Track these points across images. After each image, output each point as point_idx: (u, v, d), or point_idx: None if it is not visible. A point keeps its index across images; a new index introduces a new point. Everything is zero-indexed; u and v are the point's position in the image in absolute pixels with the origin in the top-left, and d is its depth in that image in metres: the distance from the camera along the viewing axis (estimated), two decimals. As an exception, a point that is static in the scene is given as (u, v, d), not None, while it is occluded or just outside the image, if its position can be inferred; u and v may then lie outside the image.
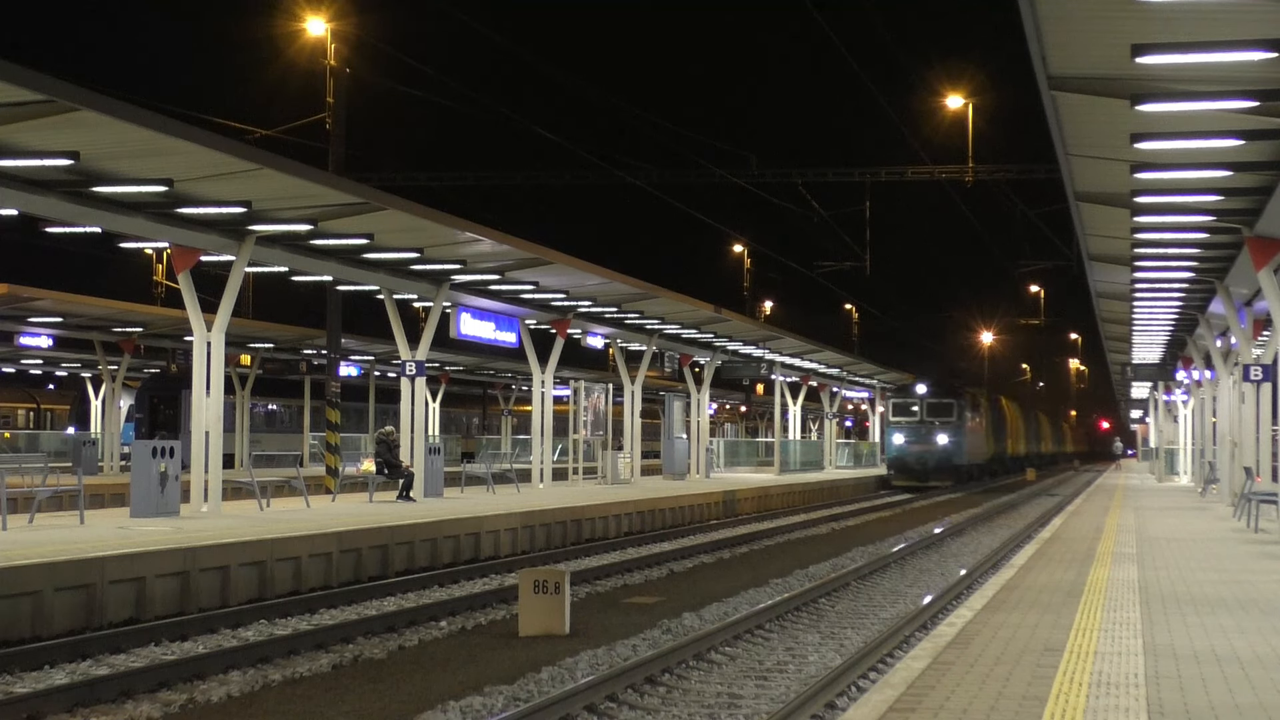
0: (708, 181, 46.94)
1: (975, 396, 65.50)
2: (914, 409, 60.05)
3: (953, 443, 59.45)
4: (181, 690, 12.17)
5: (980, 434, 65.73)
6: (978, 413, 64.66)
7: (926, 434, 59.20)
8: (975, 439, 63.90)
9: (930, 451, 58.88)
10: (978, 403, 65.32)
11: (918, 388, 60.92)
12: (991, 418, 72.38)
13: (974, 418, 63.52)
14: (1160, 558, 19.62)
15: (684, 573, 22.77)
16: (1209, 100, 15.45)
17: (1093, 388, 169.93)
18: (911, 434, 59.45)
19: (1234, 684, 9.62)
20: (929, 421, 59.43)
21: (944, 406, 59.93)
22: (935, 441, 59.05)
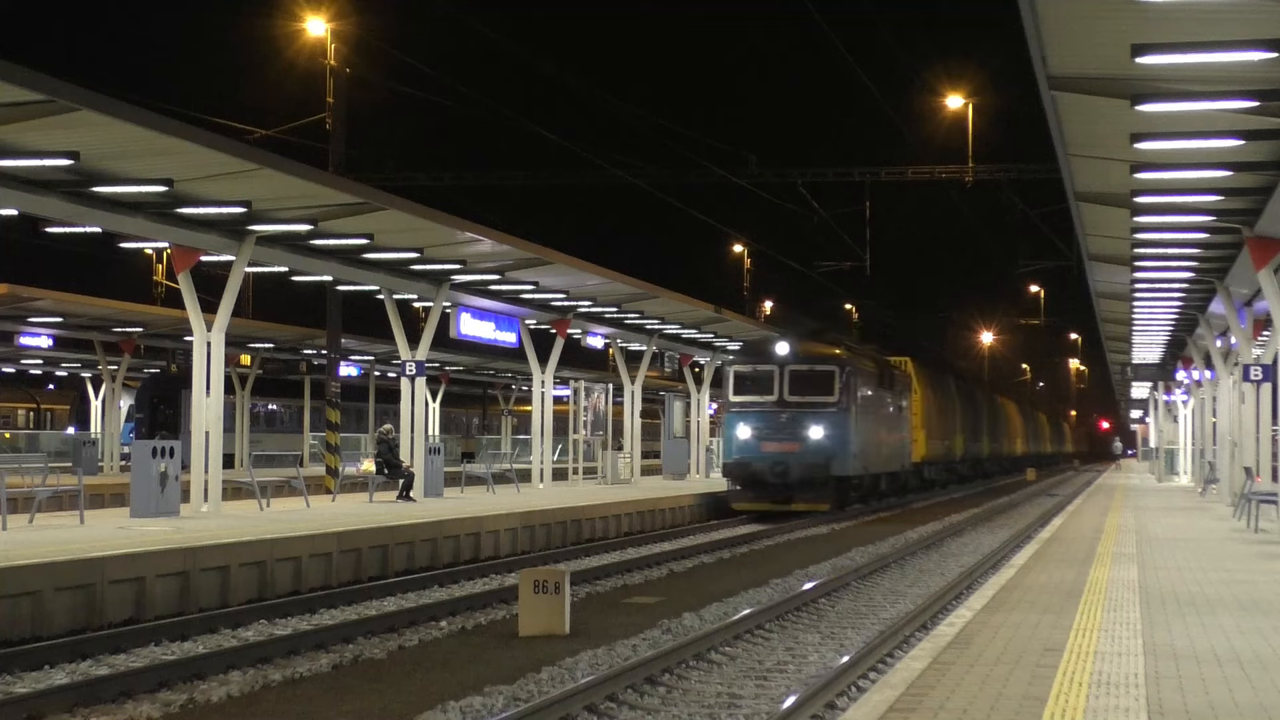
0: (708, 181, 46.94)
1: (886, 366, 44.39)
2: (769, 383, 37.10)
3: (832, 439, 36.46)
4: (181, 690, 12.17)
5: (900, 427, 45.56)
6: (892, 392, 43.89)
7: (789, 425, 36.66)
8: (886, 434, 42.75)
9: (793, 455, 36.13)
10: (889, 377, 43.60)
11: (777, 348, 37.32)
12: (937, 403, 54.04)
13: (885, 400, 42.47)
14: (1160, 558, 19.62)
15: (684, 573, 22.77)
16: (1209, 100, 15.45)
17: (1093, 388, 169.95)
18: (764, 425, 36.83)
19: (1234, 684, 9.62)
20: (793, 404, 36.78)
21: (819, 380, 36.93)
22: (803, 437, 36.45)
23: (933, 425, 53.39)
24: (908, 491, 49.01)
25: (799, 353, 37.29)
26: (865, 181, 47.95)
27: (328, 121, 35.97)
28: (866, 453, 39.15)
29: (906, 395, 47.16)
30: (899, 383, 45.73)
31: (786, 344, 37.30)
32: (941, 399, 56.51)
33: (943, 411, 56.35)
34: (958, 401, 61.41)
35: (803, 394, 36.73)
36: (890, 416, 43.53)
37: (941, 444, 55.83)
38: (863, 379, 38.66)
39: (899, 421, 45.36)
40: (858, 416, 37.67)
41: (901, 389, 46.03)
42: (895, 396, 44.34)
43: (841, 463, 36.52)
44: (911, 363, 51.59)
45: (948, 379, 61.61)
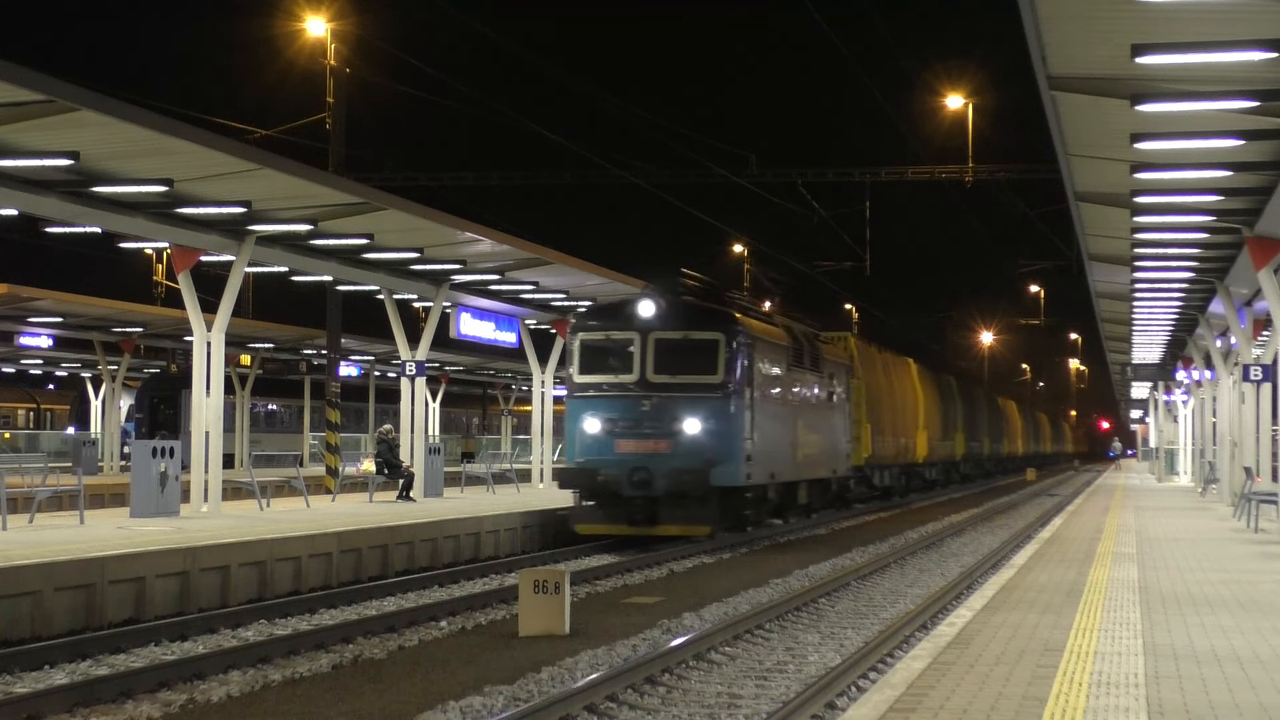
0: (708, 181, 46.93)
1: (808, 341, 33.45)
2: (628, 357, 26.84)
3: (715, 434, 26.37)
4: (181, 690, 12.17)
5: (832, 420, 35.10)
6: (818, 375, 33.67)
7: (655, 416, 26.43)
8: (808, 430, 32.22)
9: (659, 457, 26.15)
10: (811, 354, 32.97)
11: (639, 309, 26.87)
12: (892, 393, 45.32)
13: (806, 384, 32.46)
14: (1160, 558, 19.62)
15: (684, 573, 22.77)
16: (1209, 100, 15.46)
17: (1093, 388, 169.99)
18: (619, 416, 26.56)
19: (1234, 684, 9.62)
20: (661, 387, 26.53)
21: (699, 352, 26.84)
22: (674, 432, 26.29)
23: (884, 419, 44.77)
24: (847, 503, 39.58)
25: (670, 315, 26.48)
26: (865, 181, 47.93)
27: (328, 121, 35.97)
28: (771, 454, 28.60)
29: (842, 380, 36.73)
30: (830, 364, 35.23)
31: (652, 303, 26.35)
32: (899, 388, 48.81)
33: (902, 403, 48.77)
34: (924, 392, 54.10)
35: (675, 372, 26.19)
36: (816, 406, 33.12)
37: (897, 443, 47.11)
38: (767, 354, 28.72)
39: (830, 414, 34.61)
40: (756, 404, 27.24)
41: (834, 372, 35.68)
42: (824, 381, 34.38)
43: (728, 468, 25.96)
44: (854, 341, 42.26)
45: (906, 365, 53.23)
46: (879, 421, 42.90)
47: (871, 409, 42.20)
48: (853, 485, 39.96)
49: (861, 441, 40.27)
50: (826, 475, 34.76)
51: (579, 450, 26.49)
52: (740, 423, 26.64)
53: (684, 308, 27.22)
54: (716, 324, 26.88)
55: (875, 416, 42.73)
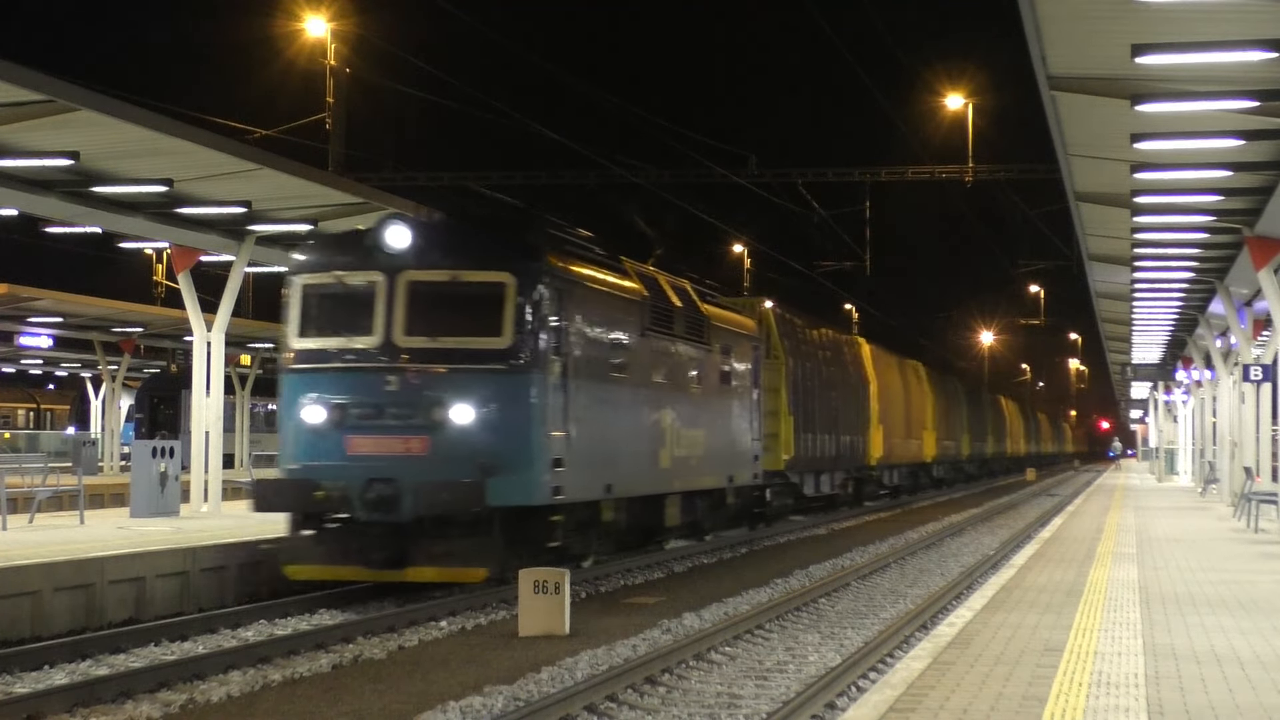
0: (708, 181, 46.91)
1: (685, 302, 24.46)
2: (366, 312, 18.06)
3: (499, 428, 17.83)
4: (181, 690, 12.17)
5: (730, 411, 26.90)
6: (704, 348, 25.12)
7: (406, 400, 17.72)
8: (684, 424, 23.88)
9: (411, 463, 17.51)
10: (690, 320, 24.41)
11: (387, 236, 18.07)
12: (826, 379, 36.70)
13: (681, 359, 23.93)
14: (1160, 558, 19.63)
15: (684, 573, 22.77)
16: (1209, 100, 15.47)
17: (1093, 388, 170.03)
18: (353, 400, 17.91)
19: (1234, 684, 9.62)
20: (416, 355, 17.86)
21: (474, 304, 18.11)
22: (434, 424, 17.64)
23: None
24: (766, 519, 31.29)
25: (434, 245, 18.20)
26: (865, 181, 47.91)
27: (328, 122, 35.98)
28: (608, 457, 20.24)
29: (748, 359, 28.05)
30: (727, 335, 26.28)
31: (406, 228, 18.08)
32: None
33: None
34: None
35: (438, 332, 17.86)
36: (700, 392, 24.61)
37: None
38: (601, 310, 20.01)
39: (725, 402, 26.28)
40: (576, 383, 18.91)
41: (734, 347, 26.83)
42: (715, 358, 25.51)
43: (520, 479, 17.63)
44: (771, 313, 32.66)
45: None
46: (808, 415, 36.42)
47: (795, 400, 35.52)
48: (771, 496, 31.40)
49: (780, 439, 31.63)
50: (718, 485, 26.10)
51: (292, 452, 18.16)
52: (542, 410, 17.95)
53: (457, 235, 18.68)
54: (506, 259, 18.08)
55: (804, 409, 36.56)
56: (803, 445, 33.81)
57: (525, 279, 18.09)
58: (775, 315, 33.43)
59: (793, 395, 33.07)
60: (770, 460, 30.73)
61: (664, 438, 22.98)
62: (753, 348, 28.94)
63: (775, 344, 32.56)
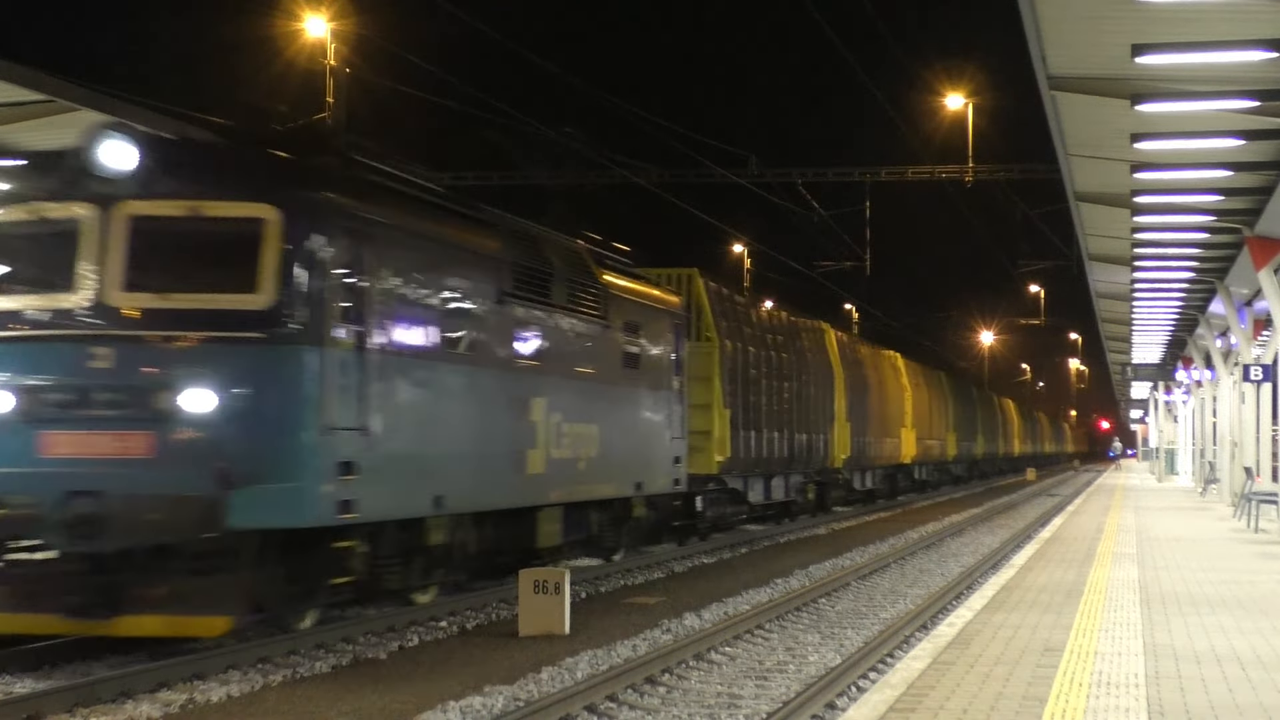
0: (708, 181, 46.91)
1: (555, 250, 19.45)
2: (62, 259, 13.18)
3: (252, 421, 13.01)
4: (181, 690, 12.16)
5: (633, 404, 21.90)
6: (607, 324, 20.58)
7: (124, 382, 12.88)
8: (568, 419, 19.04)
9: (128, 467, 12.76)
10: (557, 272, 18.89)
11: (99, 153, 13.16)
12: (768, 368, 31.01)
13: (554, 334, 18.66)
14: (1160, 558, 19.63)
15: (684, 573, 22.77)
16: (1209, 100, 15.48)
17: (1093, 388, 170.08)
18: (51, 381, 13.02)
19: (1234, 684, 9.62)
20: (136, 321, 13.03)
21: (223, 244, 13.31)
22: (161, 415, 12.86)
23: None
24: (700, 533, 27.10)
25: (163, 170, 13.54)
26: (865, 181, 47.91)
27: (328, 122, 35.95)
28: (438, 459, 15.68)
29: (667, 342, 23.25)
30: (636, 310, 21.84)
31: (128, 146, 13.43)
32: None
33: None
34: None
35: (167, 287, 13.38)
36: (594, 378, 20.02)
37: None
38: (422, 263, 15.47)
39: (632, 392, 21.60)
40: (383, 361, 14.47)
41: (645, 325, 22.16)
42: (618, 337, 20.98)
43: (283, 492, 13.23)
44: (703, 287, 27.43)
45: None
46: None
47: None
48: (704, 504, 26.89)
49: (714, 437, 26.65)
50: (620, 493, 21.40)
51: None
52: (319, 396, 13.42)
53: (201, 154, 14.24)
54: (268, 186, 13.63)
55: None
56: (743, 444, 28.46)
57: (295, 214, 13.30)
58: (708, 290, 27.68)
59: (730, 385, 27.84)
60: (700, 462, 25.89)
61: (534, 435, 17.89)
62: (673, 327, 23.75)
63: (708, 324, 27.29)
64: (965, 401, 64.75)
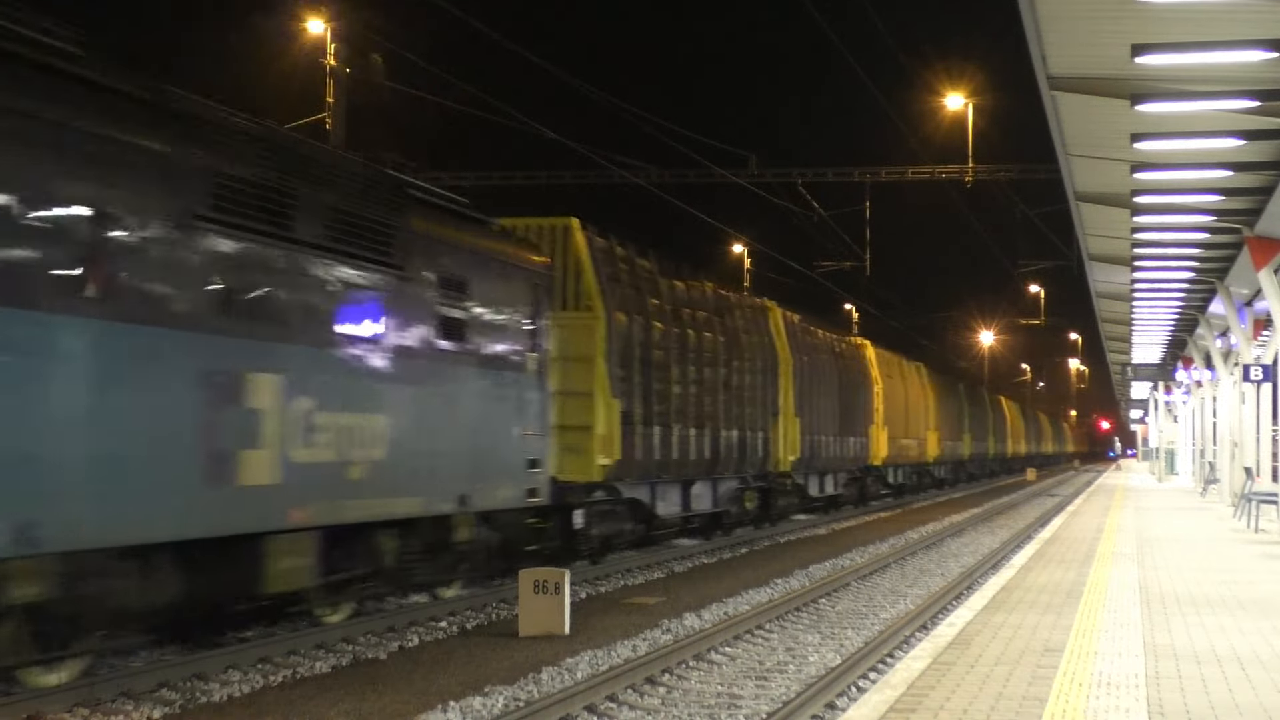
0: (708, 181, 46.92)
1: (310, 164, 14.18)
2: None
3: None
4: (182, 690, 12.17)
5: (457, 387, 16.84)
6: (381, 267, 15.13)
7: None
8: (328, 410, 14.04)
9: None
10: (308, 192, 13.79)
11: None
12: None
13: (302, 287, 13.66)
14: (1160, 558, 19.63)
15: (684, 573, 22.77)
16: (1209, 100, 15.48)
17: (1093, 388, 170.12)
18: None
19: (1234, 684, 9.62)
20: None
21: None
22: None
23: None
24: (566, 555, 20.68)
25: None
26: (865, 181, 47.92)
27: (328, 122, 35.98)
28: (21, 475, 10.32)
29: (518, 306, 18.73)
30: (450, 261, 16.94)
31: None
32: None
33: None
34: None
35: None
36: (391, 350, 15.54)
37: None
38: None
39: (455, 370, 16.95)
40: None
41: (476, 282, 17.54)
42: (424, 294, 16.27)
43: None
44: (584, 242, 21.94)
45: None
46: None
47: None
48: (588, 520, 21.38)
49: (600, 435, 21.17)
50: (435, 510, 16.43)
51: None
52: None
53: None
54: None
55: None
56: (641, 444, 22.84)
57: None
58: (592, 247, 21.92)
59: (622, 369, 22.15)
60: (577, 467, 20.79)
61: (256, 429, 13.16)
62: (532, 290, 18.91)
63: (589, 289, 21.57)
64: (950, 396, 60.22)
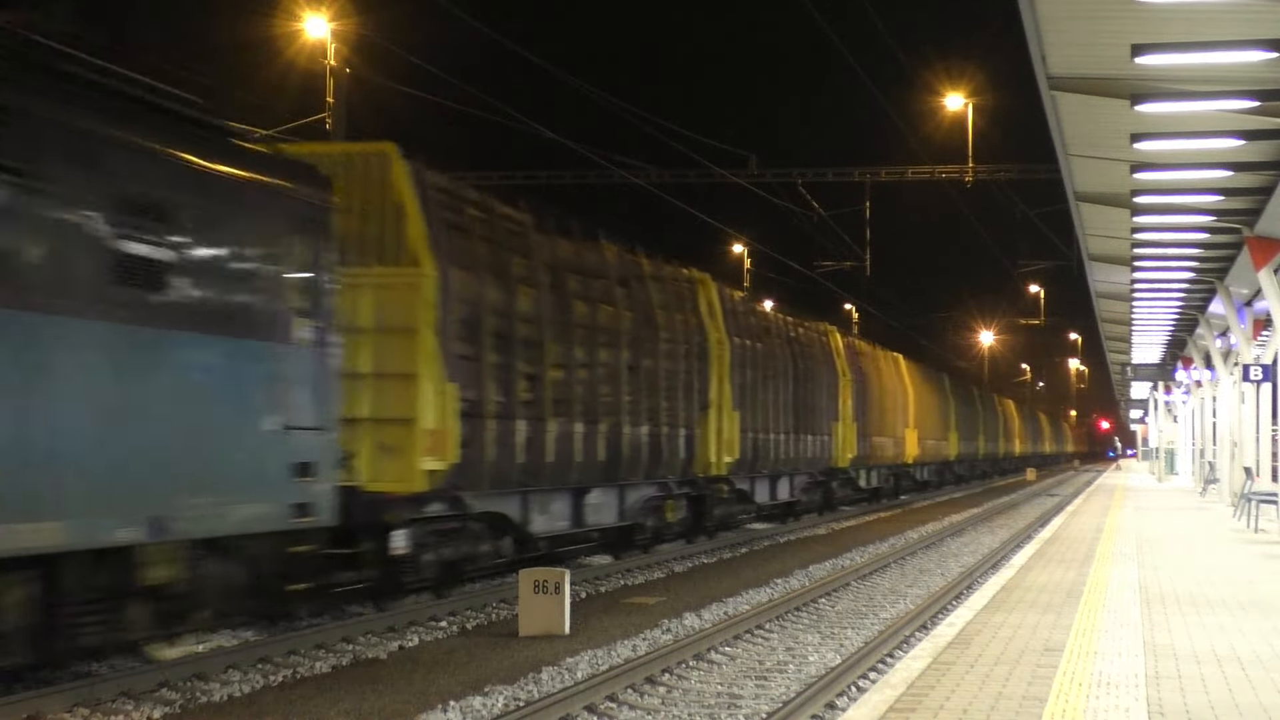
0: (708, 181, 46.92)
1: None
2: None
3: None
4: (181, 690, 12.17)
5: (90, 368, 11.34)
6: None
7: None
8: None
9: None
10: None
11: None
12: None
13: None
14: (1160, 558, 19.63)
15: (684, 573, 22.77)
16: (1209, 100, 15.49)
17: (1093, 388, 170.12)
18: None
19: (1234, 684, 9.62)
20: None
21: None
22: None
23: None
24: (376, 596, 16.74)
25: None
26: (865, 181, 47.92)
27: (328, 122, 35.97)
28: None
29: (293, 255, 14.15)
30: (161, 176, 12.30)
31: None
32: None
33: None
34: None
35: None
36: None
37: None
38: None
39: (150, 339, 12.02)
40: None
41: (222, 210, 13.09)
42: (72, 216, 11.16)
43: None
44: (405, 169, 16.97)
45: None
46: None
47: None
48: (413, 542, 16.61)
49: (418, 430, 16.28)
50: (101, 542, 11.62)
51: None
52: None
53: None
54: None
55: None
56: (496, 443, 17.96)
57: None
58: (419, 184, 17.07)
59: (465, 345, 17.22)
60: (394, 472, 16.24)
61: None
62: (300, 230, 14.29)
63: (414, 238, 16.65)
64: (934, 391, 56.01)
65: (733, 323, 28.38)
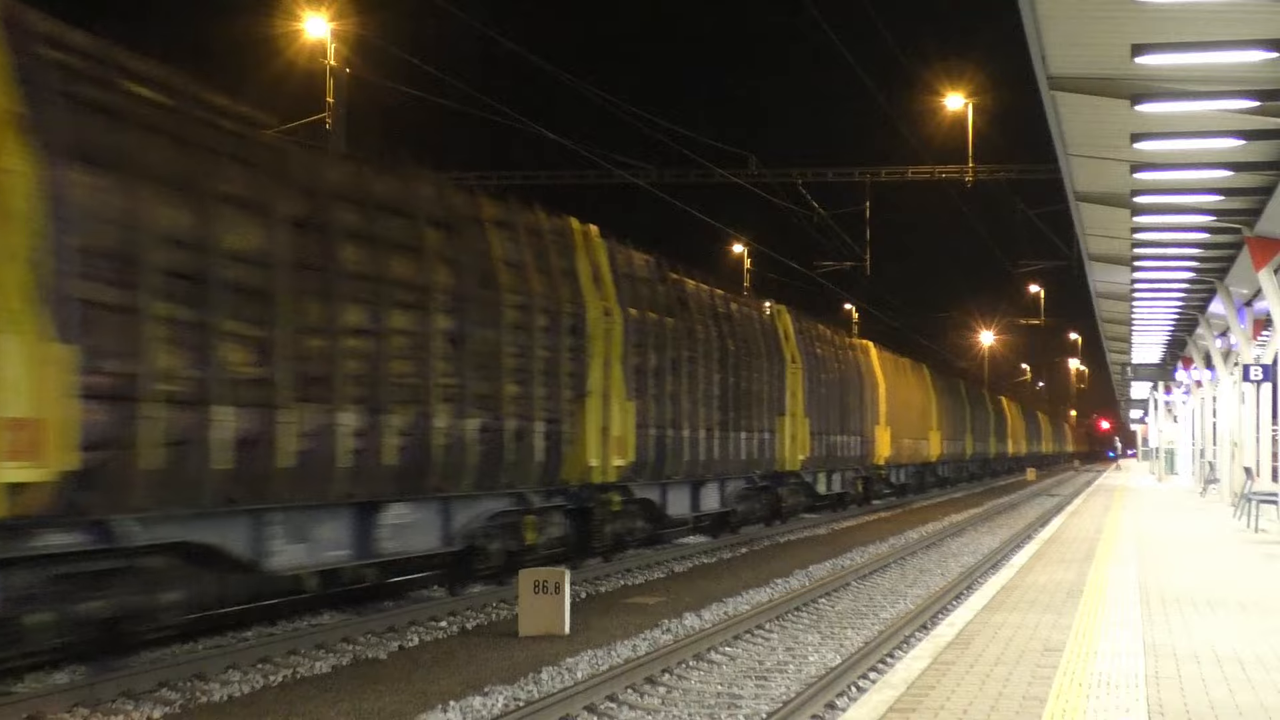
0: (708, 181, 46.90)
1: None
2: None
3: None
4: (182, 690, 12.17)
5: None
6: None
7: None
8: None
9: None
10: None
11: None
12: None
13: None
14: (1160, 558, 19.62)
15: (684, 573, 22.77)
16: (1209, 100, 15.50)
17: (1093, 388, 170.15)
18: None
19: (1234, 684, 9.62)
20: None
21: None
22: None
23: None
24: None
25: None
26: (865, 181, 47.92)
27: (328, 122, 35.97)
28: None
29: None
30: None
31: None
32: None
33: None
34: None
35: None
36: None
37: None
38: None
39: None
40: None
41: None
42: None
43: None
44: None
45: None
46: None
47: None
48: None
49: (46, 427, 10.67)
50: None
51: None
52: None
53: None
54: None
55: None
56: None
57: None
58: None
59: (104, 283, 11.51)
60: None
61: None
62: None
63: None
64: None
65: (629, 291, 22.33)
